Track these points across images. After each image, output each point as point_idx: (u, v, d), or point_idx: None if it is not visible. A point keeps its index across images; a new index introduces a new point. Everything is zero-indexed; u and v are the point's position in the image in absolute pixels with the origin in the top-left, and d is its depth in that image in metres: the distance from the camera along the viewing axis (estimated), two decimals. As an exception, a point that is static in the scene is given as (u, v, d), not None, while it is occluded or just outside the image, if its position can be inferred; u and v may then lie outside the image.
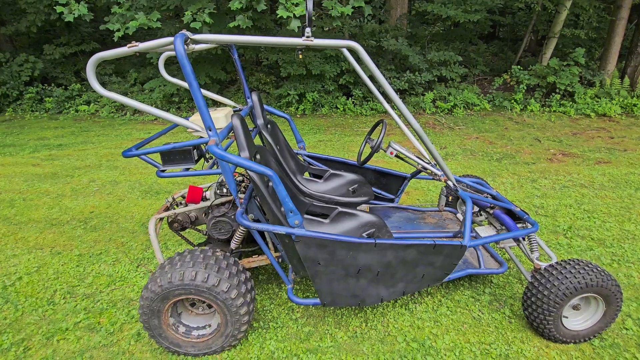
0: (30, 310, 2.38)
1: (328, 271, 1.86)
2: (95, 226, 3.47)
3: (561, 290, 1.84)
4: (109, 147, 6.49)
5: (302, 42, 1.66)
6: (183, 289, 1.82)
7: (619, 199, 3.65)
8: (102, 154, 5.97)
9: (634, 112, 7.35)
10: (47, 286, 2.62)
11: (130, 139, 7.05)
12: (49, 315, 2.33)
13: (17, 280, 2.68)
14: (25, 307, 2.41)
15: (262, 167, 1.60)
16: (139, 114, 9.04)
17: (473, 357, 1.95)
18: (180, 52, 1.54)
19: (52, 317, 2.32)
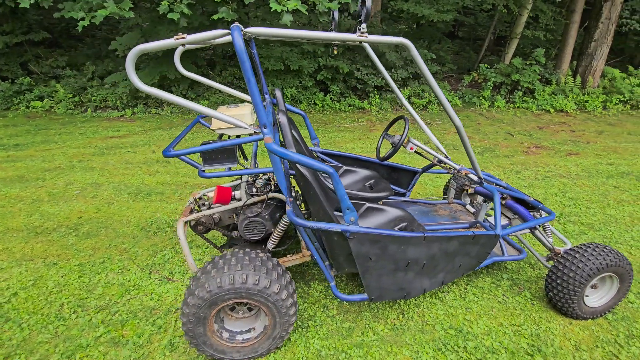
0: (38, 328, 2.16)
1: (378, 266, 1.88)
2: (88, 233, 3.20)
3: (585, 271, 2.02)
4: (77, 146, 5.99)
5: (356, 37, 1.65)
6: (234, 293, 1.75)
7: (595, 187, 4.04)
8: (71, 154, 5.50)
9: (586, 107, 8.10)
10: (51, 300, 2.39)
11: (98, 137, 6.56)
12: (62, 332, 2.13)
13: (12, 297, 2.41)
14: (31, 325, 2.18)
15: (323, 164, 1.57)
16: (101, 110, 8.43)
17: (508, 338, 2.08)
18: (240, 47, 1.47)
19: (66, 334, 2.12)
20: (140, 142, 6.24)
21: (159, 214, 3.53)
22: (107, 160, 5.24)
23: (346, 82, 8.77)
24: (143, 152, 5.62)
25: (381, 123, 7.27)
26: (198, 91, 9.09)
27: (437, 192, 3.96)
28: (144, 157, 5.41)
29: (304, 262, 2.30)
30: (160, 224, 3.35)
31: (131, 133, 6.85)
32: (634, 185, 4.07)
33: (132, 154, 5.55)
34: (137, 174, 4.68)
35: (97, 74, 9.52)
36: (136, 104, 8.61)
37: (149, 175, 4.63)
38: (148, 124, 7.46)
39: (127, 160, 5.27)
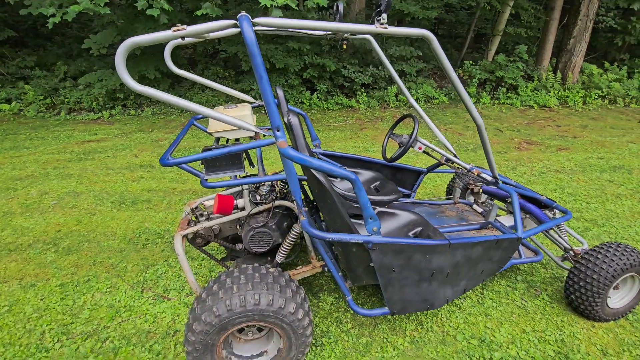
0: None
1: (402, 277, 1.74)
2: (69, 248, 2.92)
3: (610, 272, 1.95)
4: (51, 152, 5.59)
5: (375, 29, 1.49)
6: (246, 316, 1.56)
7: (591, 182, 4.06)
8: (45, 161, 5.11)
9: (568, 102, 8.28)
10: (30, 328, 2.12)
11: (74, 141, 6.16)
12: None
13: (-16, 326, 2.14)
14: (8, 358, 1.92)
15: (345, 170, 1.41)
16: (76, 113, 7.97)
17: (533, 346, 1.98)
18: (251, 39, 1.28)
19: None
20: (121, 145, 5.89)
21: (147, 224, 3.27)
22: (86, 167, 4.89)
23: (333, 80, 8.63)
24: (124, 157, 5.29)
25: (371, 121, 7.17)
26: (179, 91, 8.74)
27: (437, 191, 3.88)
28: (125, 161, 5.09)
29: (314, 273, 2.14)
30: (149, 235, 3.11)
31: (110, 136, 6.48)
32: (627, 179, 4.11)
33: (112, 159, 5.21)
34: (120, 180, 4.38)
35: (70, 74, 9.01)
36: (114, 105, 8.18)
37: (132, 182, 4.33)
38: (128, 127, 7.08)
39: (108, 165, 4.94)
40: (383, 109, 8.21)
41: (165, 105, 8.30)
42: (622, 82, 8.79)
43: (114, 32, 7.87)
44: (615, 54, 10.32)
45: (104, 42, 7.74)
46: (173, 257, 2.79)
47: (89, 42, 7.61)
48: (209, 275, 2.58)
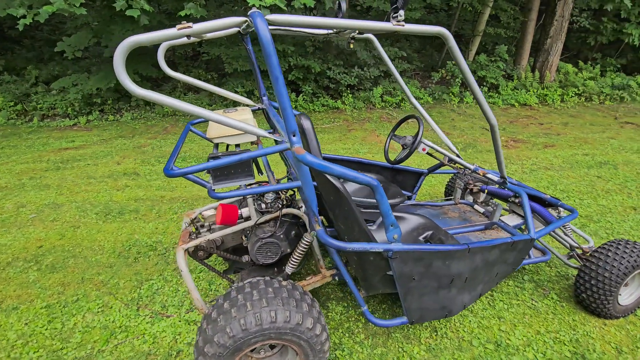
0: (2, 396, 1.72)
1: (421, 285, 1.68)
2: (53, 265, 2.71)
3: (621, 270, 1.95)
4: (25, 161, 5.26)
5: (392, 27, 1.42)
6: (262, 335, 1.46)
7: (580, 178, 4.15)
8: (19, 171, 4.80)
9: (547, 101, 8.52)
10: (15, 357, 1.93)
11: (50, 149, 5.83)
12: (35, 398, 1.71)
13: (-39, 357, 1.93)
14: (-9, 393, 1.74)
15: (367, 176, 1.33)
16: (50, 119, 7.58)
17: (549, 348, 1.96)
18: (267, 37, 1.19)
19: (41, 400, 1.70)
20: (101, 153, 5.62)
21: (137, 236, 3.09)
22: (65, 176, 4.62)
23: (318, 81, 8.56)
24: (106, 165, 5.04)
25: (358, 123, 7.14)
26: (160, 95, 8.44)
27: (433, 192, 3.86)
28: (107, 170, 4.84)
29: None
30: (140, 247, 2.93)
31: (88, 143, 6.17)
32: (614, 175, 4.23)
33: (93, 167, 4.95)
34: (103, 189, 4.15)
35: (42, 79, 8.58)
36: (90, 110, 7.83)
37: (117, 191, 4.12)
38: (107, 133, 6.78)
39: (89, 174, 4.68)
40: (369, 109, 8.21)
41: (145, 110, 8.01)
42: (596, 80, 9.14)
43: (89, 34, 7.54)
44: (588, 53, 10.73)
45: (79, 45, 7.40)
46: (168, 270, 2.63)
47: (63, 45, 7.25)
48: (209, 289, 2.44)
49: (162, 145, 5.92)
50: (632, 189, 3.87)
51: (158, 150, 5.68)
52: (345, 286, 2.43)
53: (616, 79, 9.25)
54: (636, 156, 4.86)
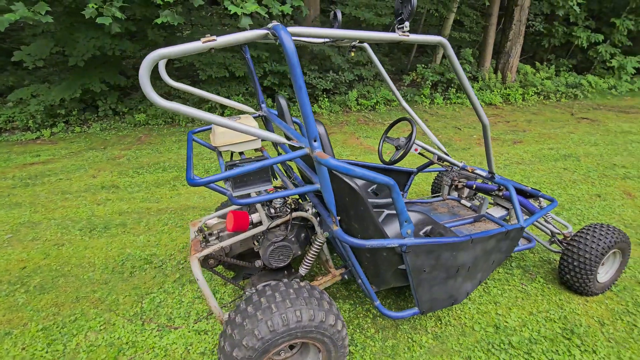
0: None
1: (431, 277, 1.79)
2: (42, 286, 2.58)
3: (599, 250, 2.17)
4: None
5: (398, 37, 1.53)
6: (289, 335, 1.50)
7: (549, 170, 4.49)
8: (-16, 189, 4.49)
9: (510, 100, 9.09)
10: (17, 384, 1.84)
11: (13, 165, 5.49)
12: (47, 423, 1.65)
13: (-44, 390, 1.81)
14: (-3, 423, 1.65)
15: (384, 177, 1.42)
16: (8, 133, 7.13)
17: (542, 326, 2.14)
18: (292, 49, 1.25)
19: None
20: (72, 167, 5.36)
21: (130, 250, 3.00)
22: (36, 192, 4.38)
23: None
24: (80, 179, 4.82)
25: (336, 126, 7.28)
26: (129, 104, 8.17)
27: (419, 190, 4.03)
28: (83, 184, 4.64)
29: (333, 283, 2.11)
30: (134, 261, 2.85)
31: (56, 157, 5.87)
32: (577, 166, 4.62)
33: (66, 182, 4.72)
34: (82, 205, 3.98)
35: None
36: (54, 122, 7.43)
37: (98, 205, 3.96)
38: (75, 145, 6.47)
39: (63, 189, 4.46)
40: (346, 113, 8.37)
41: (115, 120, 7.72)
42: (552, 79, 9.86)
43: (51, 43, 7.18)
44: (543, 55, 11.54)
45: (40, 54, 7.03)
46: (168, 282, 2.59)
47: (21, 54, 6.86)
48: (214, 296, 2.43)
49: (139, 156, 5.75)
50: (594, 178, 4.24)
51: (135, 162, 5.51)
52: (350, 285, 2.50)
53: (569, 78, 10.04)
54: (594, 148, 5.32)
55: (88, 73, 7.42)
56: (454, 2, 9.07)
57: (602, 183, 4.10)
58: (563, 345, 2.02)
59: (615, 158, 4.89)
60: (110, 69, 7.78)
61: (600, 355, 1.96)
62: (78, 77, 7.38)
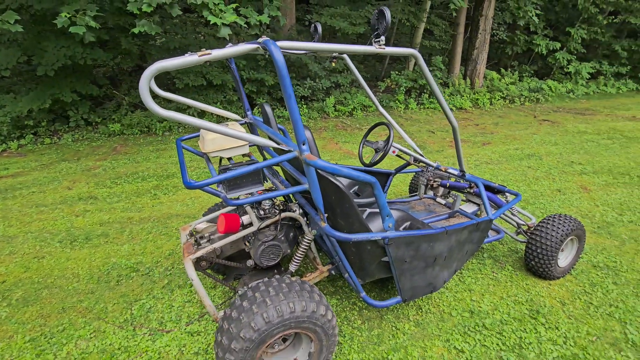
0: None
1: (412, 267, 1.94)
2: (25, 299, 2.54)
3: (558, 237, 2.41)
4: (-45, 194, 4.72)
5: (374, 49, 1.69)
6: (283, 325, 1.60)
7: (514, 169, 4.82)
8: (-49, 205, 4.31)
9: (478, 104, 9.58)
10: (8, 395, 1.83)
11: (-17, 179, 5.27)
12: None
13: (-58, 405, 1.78)
14: None
15: (366, 175, 1.57)
16: (-27, 148, 6.83)
17: (511, 308, 2.34)
18: (282, 61, 1.38)
19: None
20: (45, 179, 5.21)
21: (115, 259, 3.00)
22: (7, 206, 4.25)
23: (272, 94, 8.75)
24: (55, 191, 4.71)
25: (315, 132, 7.43)
26: (102, 114, 8.00)
27: (398, 191, 4.23)
28: (58, 196, 4.53)
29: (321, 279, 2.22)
30: (120, 270, 2.86)
31: (26, 170, 5.68)
32: (540, 164, 4.98)
33: (40, 195, 4.60)
34: (60, 217, 3.90)
35: (-42, 102, 7.67)
36: (22, 134, 7.18)
37: (76, 217, 3.90)
38: (46, 157, 6.28)
39: (36, 202, 4.35)
40: (324, 119, 8.56)
41: (87, 130, 7.55)
42: (516, 84, 10.49)
43: (18, 52, 6.98)
44: (507, 62, 12.25)
45: (5, 64, 6.82)
46: (157, 289, 2.62)
47: None
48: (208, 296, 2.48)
49: (115, 167, 5.66)
50: (555, 175, 4.60)
51: (111, 172, 5.43)
52: (336, 281, 2.63)
53: (532, 83, 10.70)
54: (554, 148, 5.74)
55: (58, 83, 7.24)
56: (423, 13, 9.52)
57: (562, 179, 4.45)
58: (530, 324, 2.23)
59: (573, 156, 5.31)
60: (81, 79, 7.62)
61: (562, 330, 2.18)
62: (47, 87, 7.18)
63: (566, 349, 2.06)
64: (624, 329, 2.20)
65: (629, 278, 2.65)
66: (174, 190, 4.52)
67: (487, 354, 2.04)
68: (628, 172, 4.63)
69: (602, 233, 3.23)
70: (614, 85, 11.60)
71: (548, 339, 2.13)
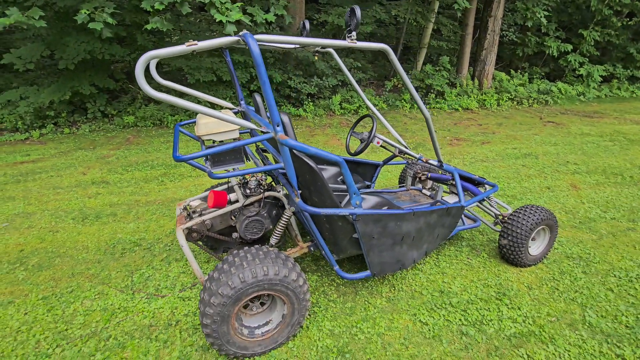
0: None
1: (380, 243, 2.13)
2: (40, 265, 2.84)
3: (528, 226, 2.55)
4: (-20, 175, 5.12)
5: (347, 44, 1.88)
6: (257, 286, 1.82)
7: (508, 167, 4.92)
8: (-24, 185, 4.69)
9: (485, 105, 9.61)
10: (22, 340, 2.10)
11: (3, 163, 5.69)
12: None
13: (-33, 345, 2.07)
14: (6, 369, 1.91)
15: (333, 155, 1.76)
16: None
17: (480, 291, 2.50)
18: (257, 52, 1.59)
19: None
20: (62, 165, 5.58)
21: (120, 235, 3.28)
22: (28, 188, 4.60)
23: (279, 91, 8.99)
24: (71, 175, 5.06)
25: (320, 128, 7.64)
26: (118, 107, 8.40)
27: (389, 183, 4.40)
28: (74, 180, 4.87)
29: (301, 255, 2.43)
30: (125, 244, 3.13)
31: (46, 156, 6.07)
32: (535, 163, 5.06)
33: (57, 179, 4.95)
34: (74, 198, 4.22)
35: (-17, 92, 8.17)
36: (44, 124, 7.62)
37: (89, 198, 4.21)
38: (64, 145, 6.68)
39: (54, 185, 4.69)
40: (329, 116, 8.76)
41: (103, 122, 7.95)
42: (525, 86, 10.45)
43: (42, 46, 7.41)
44: (518, 63, 12.18)
45: (31, 57, 7.25)
46: (156, 261, 2.87)
47: (11, 57, 7.07)
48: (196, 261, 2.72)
49: (127, 156, 5.99)
50: (547, 173, 4.69)
51: (124, 160, 5.76)
52: (319, 261, 2.83)
53: (541, 85, 10.64)
54: (553, 148, 5.79)
55: (78, 76, 7.64)
56: (432, 13, 9.61)
57: (554, 177, 4.54)
58: (494, 304, 2.39)
59: (570, 156, 5.36)
60: (99, 73, 8.02)
61: (523, 310, 2.33)
62: (68, 80, 7.60)
63: (524, 326, 2.21)
64: (584, 312, 2.33)
65: (599, 268, 2.77)
66: (180, 178, 4.80)
67: (449, 327, 2.21)
68: (621, 172, 4.68)
69: (582, 228, 3.34)
70: (628, 89, 11.42)
71: (509, 317, 2.28)
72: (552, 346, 2.08)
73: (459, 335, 2.15)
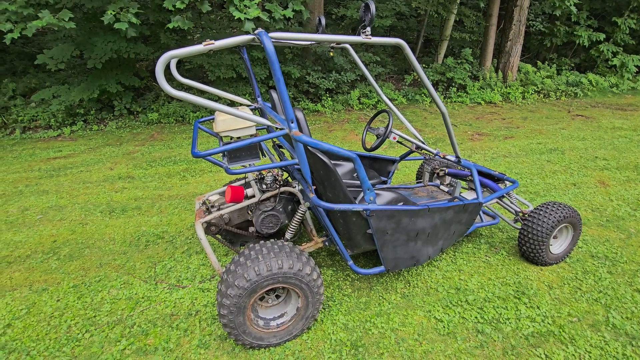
0: (51, 352, 2.04)
1: (394, 239, 2.13)
2: (70, 255, 3.01)
3: (549, 224, 2.47)
4: (16, 170, 5.44)
5: (362, 39, 1.88)
6: (272, 278, 1.87)
7: (532, 162, 4.76)
8: (13, 180, 5.00)
9: (510, 98, 9.30)
10: (55, 325, 2.25)
11: (38, 159, 6.01)
12: (81, 352, 2.05)
13: (6, 328, 2.23)
14: (41, 351, 2.05)
15: (347, 151, 1.77)
16: (32, 131, 7.69)
17: (497, 289, 2.46)
18: (271, 50, 1.62)
19: (86, 353, 2.04)
20: (91, 160, 5.85)
21: (144, 228, 3.42)
22: (60, 182, 4.85)
23: (298, 86, 9.02)
24: (99, 170, 5.29)
25: (338, 124, 7.63)
26: (143, 104, 8.67)
27: (406, 179, 4.36)
28: (102, 175, 5.10)
29: (316, 249, 2.46)
30: (148, 237, 3.26)
31: (77, 152, 6.37)
32: (560, 159, 4.87)
33: (87, 173, 5.20)
34: (102, 192, 4.42)
35: (18, 92, 8.63)
36: (74, 121, 7.97)
37: (115, 192, 4.40)
38: (93, 142, 6.98)
39: (84, 179, 4.93)
40: (348, 111, 8.72)
41: (129, 119, 8.23)
42: (553, 78, 10.03)
43: (71, 47, 7.73)
44: (546, 54, 11.69)
45: (61, 57, 7.58)
46: (178, 253, 2.99)
47: (43, 57, 7.41)
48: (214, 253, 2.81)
49: (152, 151, 6.20)
50: (574, 169, 4.51)
51: (148, 156, 5.96)
52: (334, 256, 2.86)
53: (570, 76, 10.18)
54: (581, 143, 5.55)
55: (105, 75, 7.94)
56: (454, 4, 9.35)
57: (581, 173, 4.36)
58: (512, 303, 2.34)
59: (599, 151, 5.13)
60: (125, 71, 8.30)
61: (543, 310, 2.28)
62: (96, 78, 7.91)
63: (543, 326, 2.16)
64: (608, 314, 2.25)
65: (626, 268, 2.66)
66: (201, 174, 4.93)
67: (464, 324, 2.19)
68: (656, 168, 4.44)
69: (610, 226, 3.20)
70: (667, 80, 10.74)
71: (527, 316, 2.24)
72: (572, 347, 2.03)
73: (475, 332, 2.13)
